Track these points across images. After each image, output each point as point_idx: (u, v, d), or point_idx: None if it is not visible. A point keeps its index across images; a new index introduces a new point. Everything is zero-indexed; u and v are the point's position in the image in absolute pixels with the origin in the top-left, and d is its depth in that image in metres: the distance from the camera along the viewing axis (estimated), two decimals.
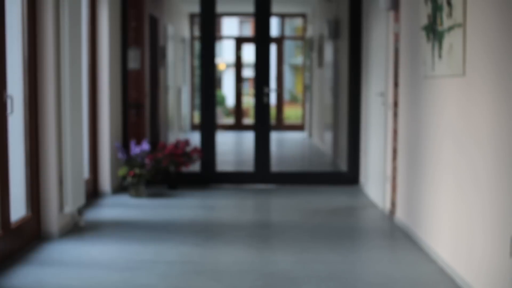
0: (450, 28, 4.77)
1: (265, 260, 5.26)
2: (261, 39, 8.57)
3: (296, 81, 20.52)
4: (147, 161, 7.89)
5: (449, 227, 4.88)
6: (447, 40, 4.85)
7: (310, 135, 14.62)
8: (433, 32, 5.17)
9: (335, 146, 10.31)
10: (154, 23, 10.83)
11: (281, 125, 16.97)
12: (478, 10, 4.32)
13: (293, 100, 20.34)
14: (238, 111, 16.79)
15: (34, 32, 5.69)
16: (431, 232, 5.35)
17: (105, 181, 7.89)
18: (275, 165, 9.71)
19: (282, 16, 17.24)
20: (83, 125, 6.70)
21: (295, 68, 20.35)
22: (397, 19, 6.54)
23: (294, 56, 20.10)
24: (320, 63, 12.55)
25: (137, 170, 7.73)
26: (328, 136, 11.27)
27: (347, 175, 8.70)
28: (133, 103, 9.22)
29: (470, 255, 4.44)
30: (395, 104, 6.62)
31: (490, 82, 4.08)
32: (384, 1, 6.56)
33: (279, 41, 17.21)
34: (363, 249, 5.69)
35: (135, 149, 7.88)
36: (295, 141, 15.06)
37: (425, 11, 5.40)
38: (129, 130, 8.67)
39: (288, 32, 20.15)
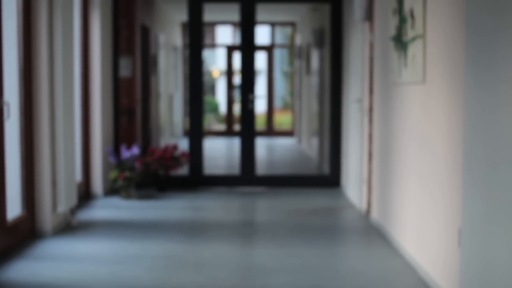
0: (413, 39, 5.16)
1: (244, 255, 5.66)
2: (246, 47, 8.97)
3: (289, 88, 20.90)
4: (137, 164, 8.27)
5: (414, 223, 5.27)
6: (411, 50, 5.24)
7: (300, 140, 15.02)
8: (400, 42, 5.56)
9: (320, 151, 10.70)
10: (146, 32, 11.22)
11: (271, 131, 17.37)
12: (435, 23, 4.71)
13: (286, 106, 20.74)
14: (229, 117, 17.18)
15: (29, 42, 6.08)
16: (399, 229, 5.74)
17: (97, 183, 8.27)
18: (264, 169, 10.10)
19: (273, 25, 17.65)
20: (76, 130, 7.07)
21: (288, 75, 20.74)
22: (371, 29, 6.94)
23: (287, 63, 20.49)
24: (308, 70, 12.95)
25: (127, 174, 8.11)
26: (315, 141, 11.67)
27: (329, 178, 9.09)
28: (124, 109, 9.61)
29: (429, 247, 4.83)
30: (370, 109, 7.02)
31: (444, 89, 4.47)
32: (359, 12, 6.96)
33: (270, 49, 17.61)
34: (337, 245, 6.07)
35: (125, 153, 8.26)
36: (285, 146, 15.46)
37: (393, 22, 5.80)
38: (120, 135, 9.06)
39: (281, 40, 20.57)
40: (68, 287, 4.70)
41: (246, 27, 8.97)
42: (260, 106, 18.45)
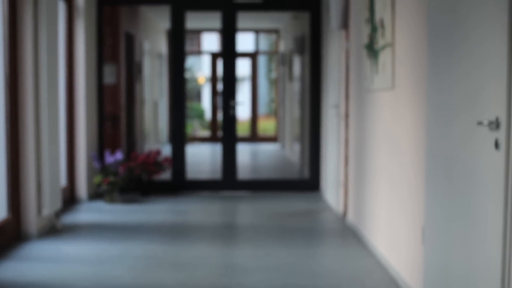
0: (383, 47, 5.40)
1: (223, 255, 5.87)
2: (228, 54, 9.19)
3: (273, 95, 21.13)
4: (121, 169, 8.46)
5: (385, 224, 5.49)
6: (381, 58, 5.48)
7: (283, 146, 15.25)
8: (372, 50, 5.80)
9: (302, 156, 10.92)
10: (130, 40, 11.43)
11: (255, 137, 17.59)
12: (403, 32, 4.94)
13: (271, 113, 20.97)
14: (213, 124, 17.39)
15: (14, 49, 6.27)
16: (372, 229, 5.96)
17: (82, 188, 8.46)
18: (247, 174, 10.30)
19: (257, 32, 17.89)
20: (61, 135, 7.26)
21: (273, 81, 20.98)
22: (347, 37, 7.17)
23: (272, 70, 20.72)
24: (290, 77, 13.19)
25: (111, 178, 8.31)
26: (297, 146, 11.89)
27: (309, 182, 9.32)
28: (109, 115, 9.80)
29: (398, 246, 5.05)
30: (347, 115, 7.24)
31: (411, 94, 4.70)
32: (336, 21, 7.19)
33: (254, 55, 17.85)
34: (313, 246, 6.28)
35: (109, 159, 8.46)
36: (268, 152, 15.67)
37: (366, 31, 6.03)
38: (105, 141, 9.25)
39: (266, 46, 20.80)
40: (52, 286, 4.89)
41: (227, 35, 9.19)
42: (245, 112, 18.67)
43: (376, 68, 5.65)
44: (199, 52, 21.26)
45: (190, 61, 21.24)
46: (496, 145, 3.07)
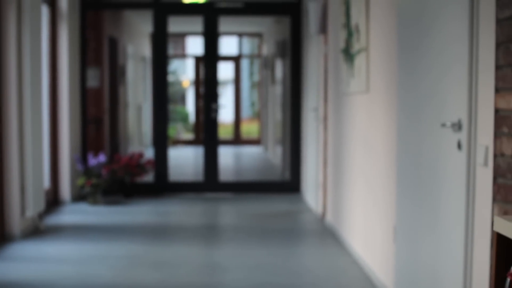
0: (358, 52, 5.55)
1: (203, 254, 6.01)
2: (209, 58, 9.33)
3: (256, 98, 21.25)
4: (104, 172, 8.57)
5: (361, 223, 5.64)
6: (357, 62, 5.63)
7: (266, 149, 15.39)
8: (348, 54, 5.95)
9: (283, 158, 11.07)
10: (114, 43, 11.54)
11: (239, 140, 17.72)
12: (377, 37, 5.10)
13: (255, 116, 21.11)
14: (197, 127, 17.51)
15: None
16: (348, 229, 6.11)
17: (65, 190, 8.56)
18: (230, 176, 10.42)
19: (240, 35, 18.02)
20: (44, 138, 7.37)
21: (255, 85, 21.11)
22: (325, 42, 7.32)
23: (255, 73, 20.85)
24: (273, 80, 13.33)
25: (94, 180, 8.42)
26: (279, 149, 12.04)
27: (290, 184, 9.46)
28: (92, 118, 9.92)
29: (373, 245, 5.20)
30: (325, 118, 7.39)
31: (384, 97, 4.85)
32: (314, 25, 7.34)
33: (237, 59, 17.98)
34: (291, 245, 6.42)
35: (92, 161, 8.57)
36: (251, 155, 15.81)
37: (342, 36, 6.18)
38: (88, 143, 9.36)
39: (251, 50, 20.93)
40: (35, 286, 5.00)
41: (209, 39, 9.33)
42: (228, 115, 18.79)
43: (352, 72, 5.80)
44: (183, 56, 21.36)
45: (174, 65, 21.35)
46: (459, 145, 3.22)
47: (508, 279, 1.60)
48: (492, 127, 2.95)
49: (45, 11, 7.99)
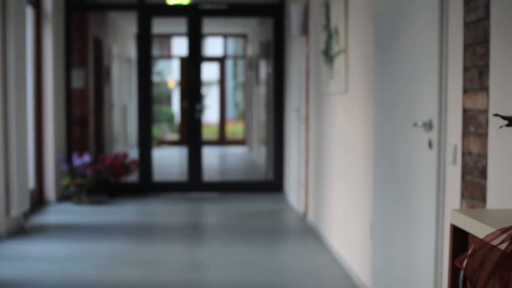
0: (338, 53, 5.66)
1: (186, 253, 6.10)
2: (193, 59, 9.43)
3: (240, 98, 21.33)
4: (88, 172, 8.65)
5: (341, 221, 5.75)
6: (336, 63, 5.74)
7: (251, 149, 15.48)
8: (328, 55, 6.06)
9: (267, 158, 11.17)
10: (99, 44, 11.61)
11: (224, 141, 17.81)
12: (355, 39, 5.21)
13: (241, 116, 21.20)
14: (182, 127, 17.58)
15: None
16: (329, 227, 6.22)
17: (50, 190, 8.63)
18: (215, 176, 10.51)
19: (225, 36, 18.11)
20: (29, 138, 7.44)
21: (239, 85, 21.18)
22: (307, 43, 7.44)
23: (238, 74, 20.92)
24: (257, 81, 13.43)
25: (79, 180, 8.49)
26: (263, 149, 12.14)
27: (273, 184, 9.57)
28: (77, 119, 9.98)
29: (352, 242, 5.31)
30: (307, 118, 7.51)
31: (362, 97, 4.97)
32: (296, 27, 7.45)
33: (222, 60, 18.07)
34: (273, 244, 6.53)
35: (77, 161, 8.64)
36: (236, 155, 15.91)
37: (323, 37, 6.30)
38: (74, 144, 9.43)
39: (237, 51, 21.02)
40: (20, 284, 5.08)
41: (193, 40, 9.43)
42: (214, 116, 18.87)
43: (332, 73, 5.91)
44: (169, 56, 21.43)
45: (160, 65, 21.41)
46: (430, 144, 3.33)
47: (462, 272, 1.71)
48: (460, 126, 3.07)
49: (29, 12, 8.06)
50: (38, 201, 8.43)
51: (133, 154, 13.18)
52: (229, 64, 20.62)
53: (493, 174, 2.73)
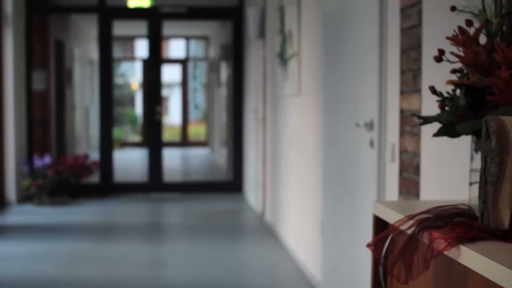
0: (291, 56, 5.84)
1: (145, 251, 6.24)
2: (153, 61, 9.56)
3: (201, 100, 21.45)
4: (49, 173, 8.73)
5: (295, 219, 5.93)
6: (290, 66, 5.92)
7: (213, 150, 15.64)
8: (283, 58, 6.24)
9: (228, 159, 11.33)
10: (60, 46, 11.67)
11: (186, 142, 17.93)
12: (307, 43, 5.39)
13: (203, 118, 21.33)
14: (145, 129, 17.66)
15: None
16: (284, 225, 6.40)
17: (11, 191, 8.71)
18: (177, 177, 10.64)
19: (187, 38, 18.24)
20: None
21: (204, 87, 21.29)
22: (264, 46, 7.61)
23: (198, 76, 21.04)
24: (219, 83, 13.59)
25: (40, 181, 8.57)
26: (224, 150, 12.31)
27: (233, 184, 9.73)
28: (39, 121, 10.05)
29: (304, 239, 5.49)
30: (264, 119, 7.68)
31: (314, 99, 5.15)
32: (253, 30, 7.62)
33: (184, 62, 18.19)
34: (230, 242, 6.69)
35: (38, 162, 8.73)
36: (198, 156, 16.05)
37: (278, 41, 6.48)
38: (35, 145, 9.50)
39: (200, 53, 21.13)
40: None
41: (154, 42, 9.56)
42: (176, 117, 18.97)
43: (286, 75, 6.09)
44: (132, 58, 21.48)
45: (123, 67, 21.45)
46: (371, 143, 3.52)
47: (381, 267, 1.88)
48: (398, 126, 3.26)
49: None
50: None
51: (96, 155, 13.26)
52: (191, 66, 20.74)
53: (425, 171, 2.93)
